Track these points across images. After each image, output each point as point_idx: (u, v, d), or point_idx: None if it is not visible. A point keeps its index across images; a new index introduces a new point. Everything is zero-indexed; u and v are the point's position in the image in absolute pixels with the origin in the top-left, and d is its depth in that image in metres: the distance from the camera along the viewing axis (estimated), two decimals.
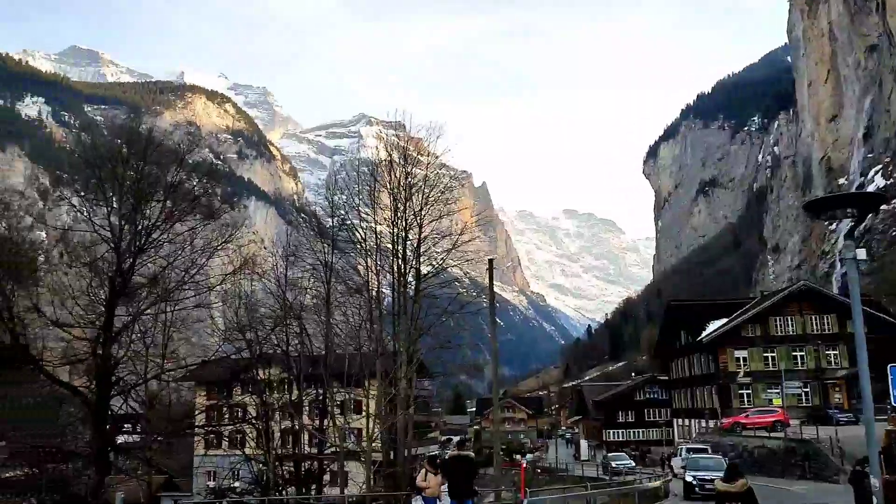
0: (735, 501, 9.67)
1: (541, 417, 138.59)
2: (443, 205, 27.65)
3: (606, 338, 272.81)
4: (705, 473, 26.00)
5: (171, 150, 31.34)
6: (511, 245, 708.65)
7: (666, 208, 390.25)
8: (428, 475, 16.07)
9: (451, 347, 27.47)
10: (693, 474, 26.90)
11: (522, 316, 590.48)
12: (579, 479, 46.80)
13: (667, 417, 72.81)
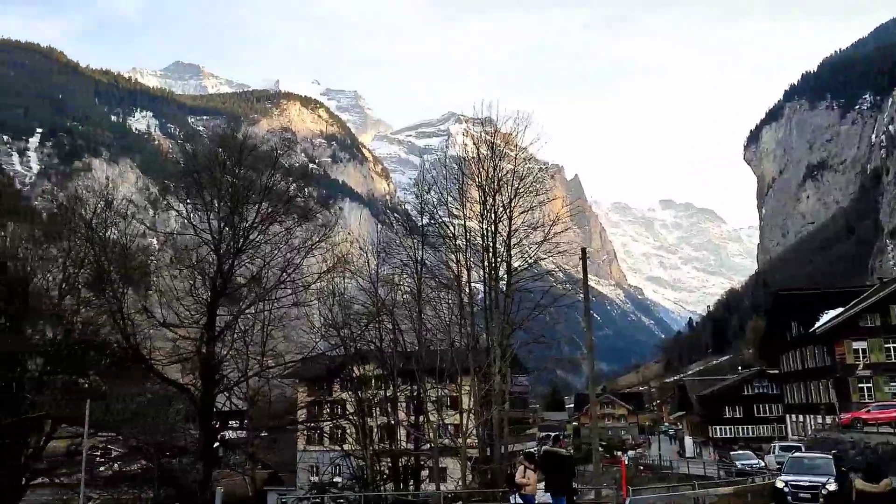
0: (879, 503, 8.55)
1: (641, 413, 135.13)
2: (533, 196, 27.02)
3: (709, 331, 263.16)
4: (804, 478, 20.58)
5: (265, 153, 32.16)
6: (606, 238, 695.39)
7: (770, 195, 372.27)
8: (527, 471, 15.63)
9: (546, 342, 26.78)
10: (787, 479, 20.94)
11: (620, 310, 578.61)
12: (685, 476, 44.99)
13: (778, 413, 69.22)
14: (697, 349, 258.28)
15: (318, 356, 28.67)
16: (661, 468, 55.43)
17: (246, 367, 26.86)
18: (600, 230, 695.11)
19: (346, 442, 30.64)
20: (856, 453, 39.56)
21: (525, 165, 27.43)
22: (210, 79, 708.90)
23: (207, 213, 27.50)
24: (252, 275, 28.81)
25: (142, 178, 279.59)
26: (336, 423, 31.33)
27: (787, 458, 24.32)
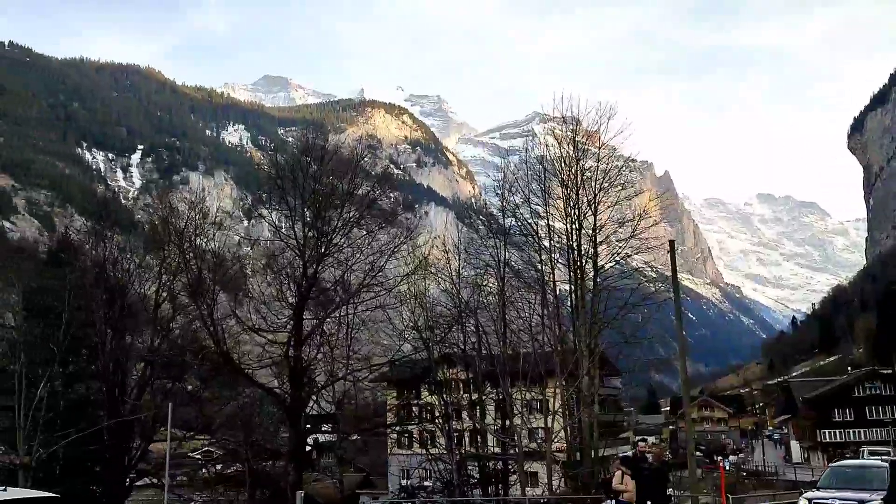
0: None
1: (743, 417, 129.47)
2: (618, 190, 26.00)
3: (815, 330, 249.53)
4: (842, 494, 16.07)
5: (346, 158, 32.47)
6: (700, 235, 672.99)
7: (878, 185, 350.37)
8: (624, 477, 14.87)
9: (637, 342, 25.67)
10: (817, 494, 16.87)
11: (717, 309, 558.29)
12: (792, 484, 42.46)
13: (892, 416, 64.73)
14: (802, 349, 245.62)
15: (405, 360, 28.57)
16: (765, 474, 52.66)
17: (331, 370, 27.03)
18: (693, 227, 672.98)
19: (434, 446, 30.42)
20: None
21: (609, 159, 26.43)
22: (297, 90, 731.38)
23: (293, 218, 27.91)
24: (336, 279, 29.09)
25: (235, 189, 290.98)
26: (424, 427, 31.17)
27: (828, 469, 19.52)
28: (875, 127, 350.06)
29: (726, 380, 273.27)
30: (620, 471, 15.02)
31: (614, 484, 14.93)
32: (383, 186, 34.04)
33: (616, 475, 15.06)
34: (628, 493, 14.71)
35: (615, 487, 14.89)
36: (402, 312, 30.42)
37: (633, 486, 14.72)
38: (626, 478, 14.75)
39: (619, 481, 14.82)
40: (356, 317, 29.44)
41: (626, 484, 14.70)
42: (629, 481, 14.73)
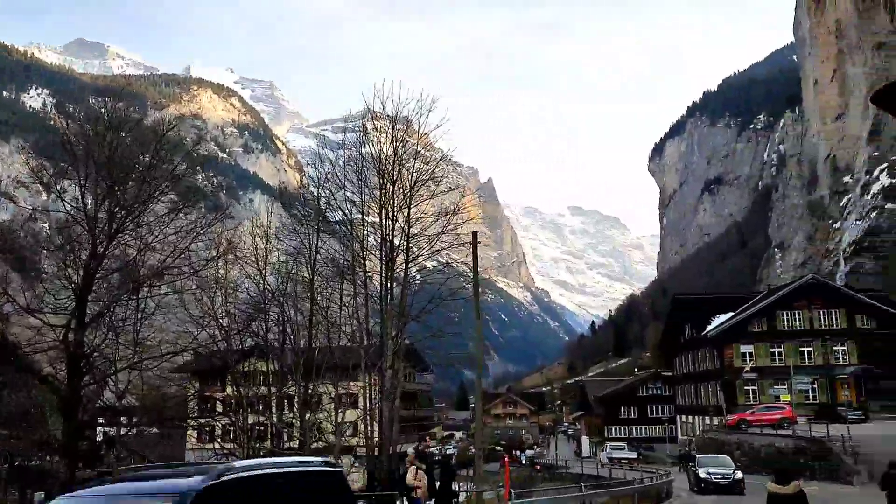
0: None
1: (543, 414, 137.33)
2: (435, 184, 26.15)
3: (610, 334, 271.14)
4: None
5: (150, 128, 30.01)
6: (517, 241, 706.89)
7: (671, 206, 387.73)
8: (418, 472, 14.59)
9: (443, 336, 25.89)
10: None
11: (527, 312, 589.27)
12: (578, 476, 45.28)
13: (670, 414, 71.32)
14: (599, 352, 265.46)
15: (197, 348, 26.71)
16: (557, 467, 55.82)
17: (114, 357, 24.67)
18: (511, 233, 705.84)
19: (235, 441, 28.88)
20: (740, 454, 40.82)
21: (428, 152, 26.49)
22: (116, 59, 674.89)
23: (82, 189, 25.17)
24: (130, 258, 26.70)
25: (34, 160, 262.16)
26: (209, 421, 29.47)
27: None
28: (672, 153, 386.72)
29: (531, 379, 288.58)
30: (414, 466, 14.82)
31: (408, 479, 14.70)
32: (192, 163, 31.85)
33: (410, 471, 14.84)
34: (422, 488, 14.52)
35: (409, 482, 14.66)
36: (203, 298, 28.58)
37: (425, 482, 14.57)
38: (420, 473, 14.57)
39: (413, 476, 14.60)
40: (152, 301, 27.20)
41: (420, 479, 14.50)
42: (423, 476, 14.55)
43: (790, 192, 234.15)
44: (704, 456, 33.79)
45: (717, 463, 30.91)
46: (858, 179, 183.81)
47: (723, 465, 30.50)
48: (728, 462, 31.19)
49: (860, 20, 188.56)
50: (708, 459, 31.89)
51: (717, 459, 31.83)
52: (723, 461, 31.29)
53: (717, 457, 33.00)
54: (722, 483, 28.55)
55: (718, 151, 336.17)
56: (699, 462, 31.73)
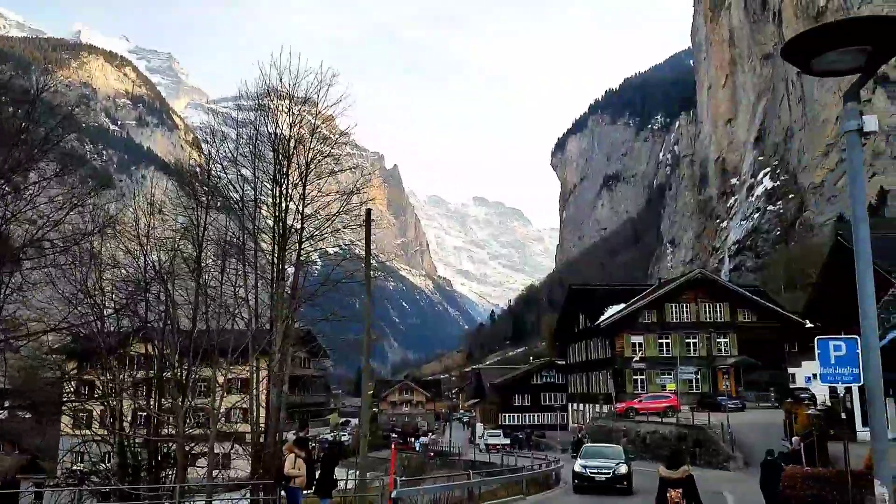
0: (677, 487, 9.86)
1: (440, 401, 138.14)
2: (333, 162, 25.17)
3: (509, 324, 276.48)
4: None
5: (21, 88, 27.49)
6: (420, 229, 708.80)
7: (571, 200, 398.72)
8: (297, 461, 13.69)
9: (336, 319, 25.00)
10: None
11: (429, 300, 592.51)
12: (470, 463, 45.55)
13: (562, 402, 73.02)
14: (497, 341, 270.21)
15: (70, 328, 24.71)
16: (450, 454, 56.03)
17: None
18: (416, 221, 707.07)
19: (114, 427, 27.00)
20: (627, 441, 42.13)
21: (329, 129, 25.46)
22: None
23: None
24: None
25: None
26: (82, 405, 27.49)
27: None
28: (574, 149, 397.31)
29: (430, 366, 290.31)
30: (293, 454, 13.90)
31: (286, 468, 13.80)
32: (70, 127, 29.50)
33: (288, 458, 13.92)
34: (300, 477, 13.69)
35: (287, 472, 13.78)
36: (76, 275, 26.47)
37: (304, 470, 13.76)
38: (300, 461, 13.71)
39: (292, 465, 13.72)
40: (20, 276, 24.95)
41: (299, 467, 13.66)
42: (302, 464, 13.72)
43: (682, 192, 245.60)
44: (591, 445, 28.95)
45: (599, 454, 25.62)
46: (744, 182, 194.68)
47: (605, 456, 25.16)
48: (614, 453, 25.79)
49: (751, 31, 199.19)
50: (592, 450, 26.73)
51: (602, 450, 26.52)
52: (607, 452, 25.96)
53: (604, 447, 27.74)
54: (599, 479, 23.57)
55: (618, 149, 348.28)
56: (582, 452, 26.68)
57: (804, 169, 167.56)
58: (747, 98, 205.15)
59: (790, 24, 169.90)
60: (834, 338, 9.04)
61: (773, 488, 13.49)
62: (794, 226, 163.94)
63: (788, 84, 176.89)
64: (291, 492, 13.65)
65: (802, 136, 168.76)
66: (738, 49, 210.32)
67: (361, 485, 18.14)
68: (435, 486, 17.64)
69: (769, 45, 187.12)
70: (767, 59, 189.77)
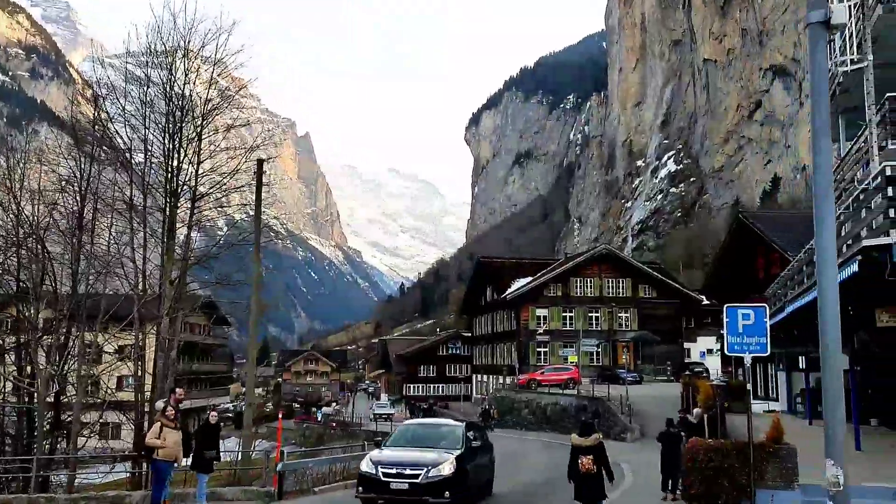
0: (588, 454, 10.15)
1: (346, 371, 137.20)
2: (232, 116, 23.57)
3: (418, 296, 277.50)
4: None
5: None
6: (332, 199, 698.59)
7: (483, 175, 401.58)
8: (163, 430, 12.32)
9: (231, 284, 23.64)
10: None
11: (338, 271, 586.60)
12: (371, 433, 45.00)
13: (467, 373, 73.50)
14: (406, 313, 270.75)
15: None
16: (351, 425, 55.37)
17: None
18: (327, 190, 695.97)
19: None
20: (528, 412, 42.61)
21: (225, 80, 23.76)
22: None
23: None
24: None
25: None
26: None
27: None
28: (488, 125, 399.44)
29: (337, 337, 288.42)
30: (160, 423, 12.48)
31: (148, 438, 12.40)
32: None
33: (154, 428, 12.50)
34: (165, 448, 12.28)
35: (148, 443, 12.38)
36: None
37: (173, 440, 12.38)
38: (167, 431, 12.31)
39: (156, 435, 12.30)
40: None
41: (164, 438, 12.26)
42: (169, 434, 12.31)
43: (590, 171, 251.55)
44: (410, 425, 17.62)
45: (416, 440, 14.86)
46: (649, 164, 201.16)
47: (424, 444, 14.43)
48: (442, 438, 14.69)
49: (662, 17, 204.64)
50: (409, 432, 15.72)
51: (424, 433, 15.36)
52: (431, 436, 14.92)
53: (431, 427, 16.12)
54: (397, 487, 13.21)
55: (530, 127, 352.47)
56: (392, 437, 15.76)
57: (706, 154, 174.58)
58: (655, 83, 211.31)
59: (699, 12, 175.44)
60: (743, 306, 8.76)
61: (673, 461, 13.43)
62: (693, 208, 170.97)
63: (694, 71, 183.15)
64: (156, 465, 12.32)
65: (705, 123, 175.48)
66: (648, 34, 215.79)
67: (245, 457, 17.07)
68: (323, 459, 16.74)
69: (678, 31, 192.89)
70: (676, 45, 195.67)
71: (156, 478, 12.45)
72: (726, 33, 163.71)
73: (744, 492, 8.48)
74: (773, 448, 8.48)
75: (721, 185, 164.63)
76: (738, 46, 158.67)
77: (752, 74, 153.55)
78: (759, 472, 8.50)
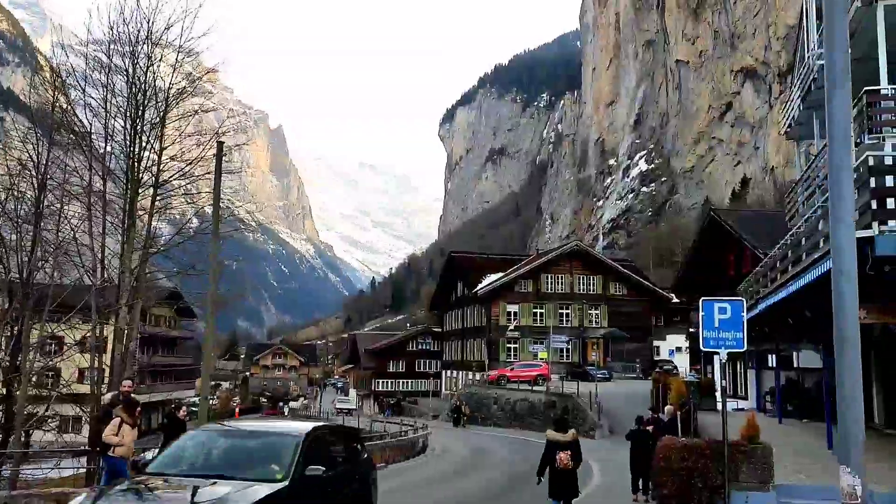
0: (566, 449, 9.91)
1: (315, 366, 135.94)
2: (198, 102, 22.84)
3: (389, 291, 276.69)
4: None
5: None
6: (304, 192, 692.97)
7: (457, 171, 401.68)
8: (122, 427, 11.71)
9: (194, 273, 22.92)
10: None
11: (309, 265, 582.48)
12: None
13: (437, 369, 73.11)
14: (377, 308, 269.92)
15: None
16: (318, 420, 54.62)
17: None
18: (299, 184, 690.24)
19: None
20: (498, 408, 42.37)
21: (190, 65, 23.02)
22: None
23: None
24: None
25: None
26: None
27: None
28: (462, 121, 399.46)
29: (307, 331, 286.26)
30: (120, 418, 11.85)
31: (106, 434, 11.75)
32: None
33: (112, 423, 11.87)
34: (123, 446, 11.67)
35: (107, 438, 11.74)
36: None
37: (131, 437, 11.79)
38: (126, 428, 11.72)
39: (114, 431, 11.68)
40: None
41: (123, 435, 11.66)
42: (128, 432, 11.73)
43: (563, 169, 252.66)
44: (201, 432, 9.37)
45: (205, 460, 8.14)
46: (621, 163, 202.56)
47: (217, 469, 7.67)
48: (262, 453, 8.09)
49: (636, 17, 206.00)
50: (192, 447, 8.58)
51: (221, 449, 8.37)
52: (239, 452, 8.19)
53: (237, 438, 8.77)
54: None
55: (504, 124, 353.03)
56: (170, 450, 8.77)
57: (677, 154, 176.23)
58: (628, 82, 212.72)
59: (672, 13, 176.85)
60: (720, 299, 8.46)
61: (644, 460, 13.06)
62: (664, 207, 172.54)
63: (667, 72, 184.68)
64: (112, 462, 11.67)
65: (677, 123, 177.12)
66: (622, 34, 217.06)
67: None
68: None
69: (652, 31, 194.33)
70: (649, 45, 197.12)
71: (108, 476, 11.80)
72: (699, 35, 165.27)
73: (718, 493, 8.18)
74: (748, 448, 8.17)
75: (691, 185, 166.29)
76: (710, 48, 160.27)
77: (723, 76, 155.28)
78: (734, 473, 8.20)
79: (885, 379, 15.23)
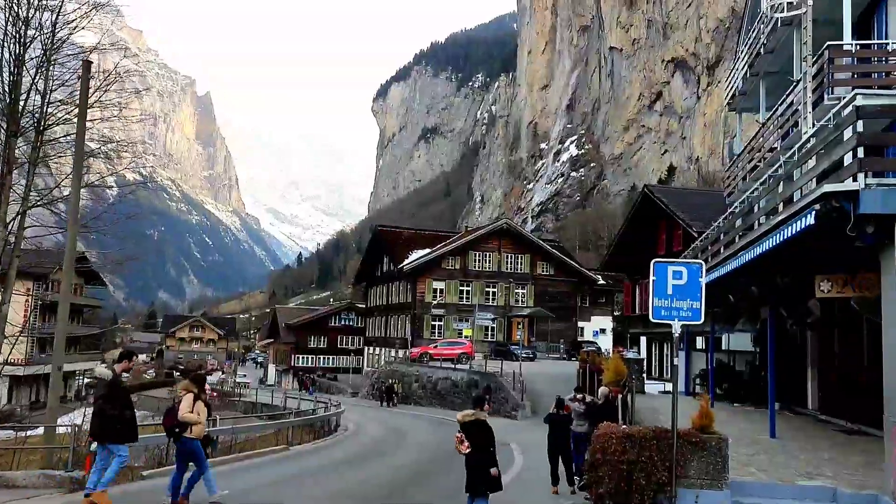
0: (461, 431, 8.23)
1: (234, 340, 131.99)
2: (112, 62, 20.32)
3: (316, 267, 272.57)
4: None
5: None
6: (231, 163, 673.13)
7: (389, 148, 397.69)
8: (197, 403, 9.46)
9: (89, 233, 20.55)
10: None
11: (234, 237, 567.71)
12: (252, 405, 42.50)
13: (359, 345, 71.48)
14: (303, 283, 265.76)
15: None
16: (232, 395, 52.32)
17: None
18: (226, 154, 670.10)
19: None
20: (419, 386, 41.11)
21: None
22: None
23: None
24: None
25: None
26: None
27: None
28: (396, 97, 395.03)
29: (230, 305, 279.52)
30: (192, 393, 9.63)
31: (183, 413, 9.36)
32: None
33: (185, 400, 9.55)
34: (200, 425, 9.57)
35: (185, 417, 9.35)
36: None
37: (206, 415, 9.75)
38: (199, 404, 9.54)
39: (190, 408, 9.39)
40: None
41: (199, 412, 9.49)
42: (203, 409, 9.61)
43: (495, 151, 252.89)
44: None
45: None
46: (552, 147, 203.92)
47: None
48: None
49: (572, 2, 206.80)
50: None
51: None
52: None
53: None
54: None
55: (438, 102, 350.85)
56: None
57: (606, 140, 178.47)
58: (563, 67, 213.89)
59: (608, 0, 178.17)
60: (675, 262, 7.18)
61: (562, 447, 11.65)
62: (592, 192, 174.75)
63: (601, 58, 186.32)
64: (187, 444, 9.45)
65: (608, 110, 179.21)
66: (559, 18, 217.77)
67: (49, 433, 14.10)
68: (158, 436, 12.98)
69: (587, 17, 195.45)
70: (585, 31, 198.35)
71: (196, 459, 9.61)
72: (633, 23, 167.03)
73: (662, 490, 6.92)
74: (701, 439, 6.93)
75: (619, 171, 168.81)
76: (644, 37, 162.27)
77: (654, 65, 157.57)
78: (682, 467, 6.96)
79: (822, 361, 14.53)
